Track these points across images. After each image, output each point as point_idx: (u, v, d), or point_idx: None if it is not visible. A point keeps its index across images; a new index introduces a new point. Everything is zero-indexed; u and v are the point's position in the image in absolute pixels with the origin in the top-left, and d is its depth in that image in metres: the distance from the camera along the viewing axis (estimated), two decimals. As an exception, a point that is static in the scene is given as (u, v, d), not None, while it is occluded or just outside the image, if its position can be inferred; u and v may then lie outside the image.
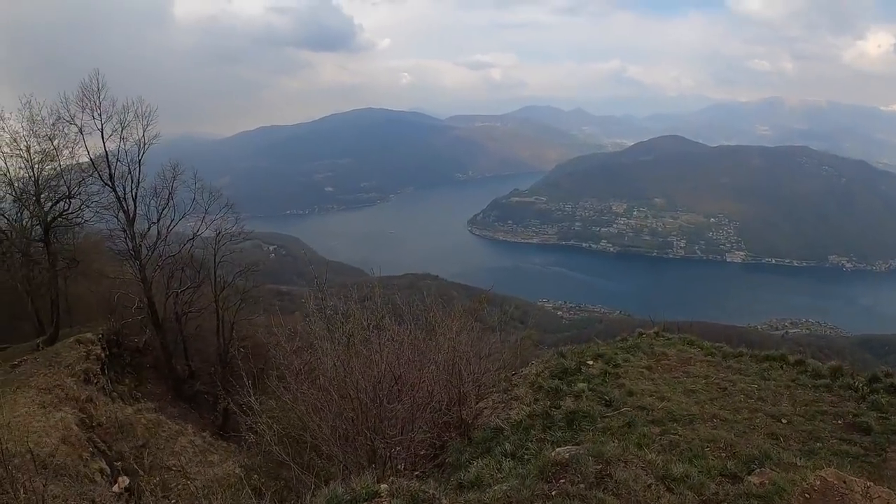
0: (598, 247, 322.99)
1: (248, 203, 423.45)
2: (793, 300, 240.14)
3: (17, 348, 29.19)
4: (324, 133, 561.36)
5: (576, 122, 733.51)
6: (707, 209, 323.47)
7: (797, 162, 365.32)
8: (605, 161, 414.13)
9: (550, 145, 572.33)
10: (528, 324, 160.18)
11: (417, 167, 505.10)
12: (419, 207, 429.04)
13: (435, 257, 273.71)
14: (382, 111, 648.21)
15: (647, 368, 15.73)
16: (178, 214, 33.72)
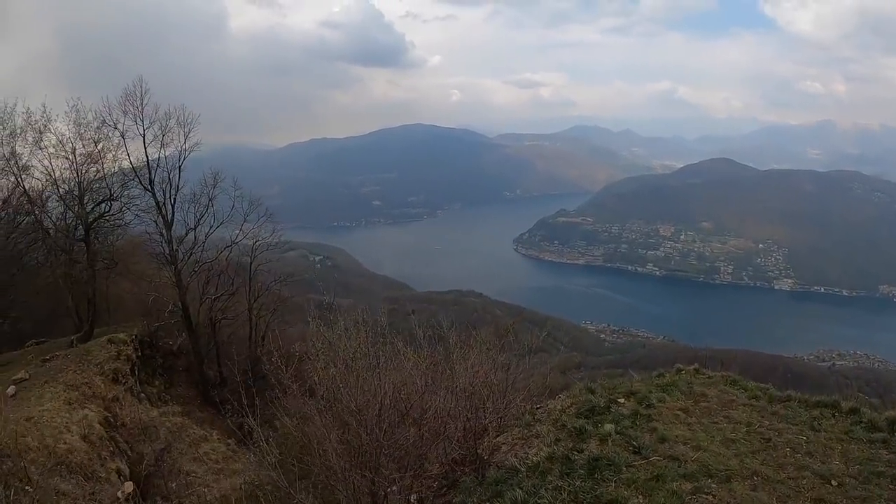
0: (643, 270, 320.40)
1: (296, 213, 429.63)
2: (841, 331, 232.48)
3: (53, 343, 30.05)
4: (373, 147, 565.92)
5: (624, 143, 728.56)
6: (756, 234, 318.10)
7: (848, 187, 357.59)
8: (653, 183, 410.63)
9: (598, 166, 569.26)
10: (565, 348, 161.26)
11: (465, 184, 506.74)
12: (466, 224, 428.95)
13: (480, 275, 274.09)
14: (432, 127, 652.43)
15: (683, 411, 14.17)
16: (217, 222, 34.14)
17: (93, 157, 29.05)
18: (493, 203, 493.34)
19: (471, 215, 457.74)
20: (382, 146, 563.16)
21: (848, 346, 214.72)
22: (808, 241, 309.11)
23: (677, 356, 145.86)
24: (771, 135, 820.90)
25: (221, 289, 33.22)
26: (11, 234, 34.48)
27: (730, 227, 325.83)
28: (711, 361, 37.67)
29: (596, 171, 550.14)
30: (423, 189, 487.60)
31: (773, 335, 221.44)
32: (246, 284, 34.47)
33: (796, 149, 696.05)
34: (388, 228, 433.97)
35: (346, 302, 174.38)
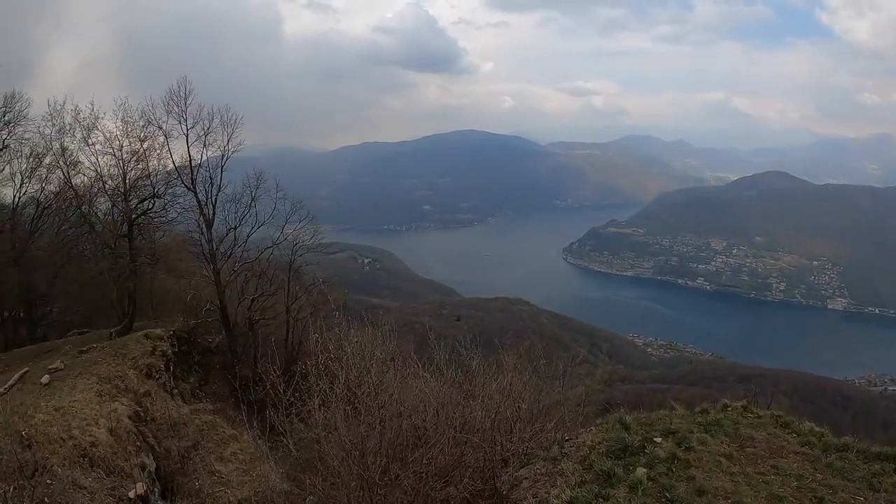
0: (693, 284, 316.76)
1: (346, 215, 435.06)
2: (895, 354, 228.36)
3: (94, 335, 30.41)
4: (425, 152, 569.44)
5: (677, 154, 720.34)
6: (810, 251, 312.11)
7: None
8: (705, 195, 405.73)
9: (650, 176, 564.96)
10: (611, 360, 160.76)
11: (516, 191, 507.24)
12: (516, 232, 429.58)
13: (528, 282, 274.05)
14: (484, 134, 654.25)
15: (726, 457, 12.35)
16: (258, 222, 34.20)
17: (138, 155, 29.53)
18: (543, 211, 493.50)
19: (521, 222, 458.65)
20: (434, 151, 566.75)
21: None
22: (864, 259, 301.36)
23: (725, 373, 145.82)
24: (827, 148, 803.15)
25: (261, 289, 33.41)
26: (62, 226, 35.91)
27: (783, 243, 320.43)
28: (761, 394, 35.83)
29: (648, 181, 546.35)
30: (474, 195, 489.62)
31: (823, 356, 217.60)
32: (286, 285, 34.76)
33: (853, 163, 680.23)
34: (438, 233, 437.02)
35: (394, 305, 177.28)
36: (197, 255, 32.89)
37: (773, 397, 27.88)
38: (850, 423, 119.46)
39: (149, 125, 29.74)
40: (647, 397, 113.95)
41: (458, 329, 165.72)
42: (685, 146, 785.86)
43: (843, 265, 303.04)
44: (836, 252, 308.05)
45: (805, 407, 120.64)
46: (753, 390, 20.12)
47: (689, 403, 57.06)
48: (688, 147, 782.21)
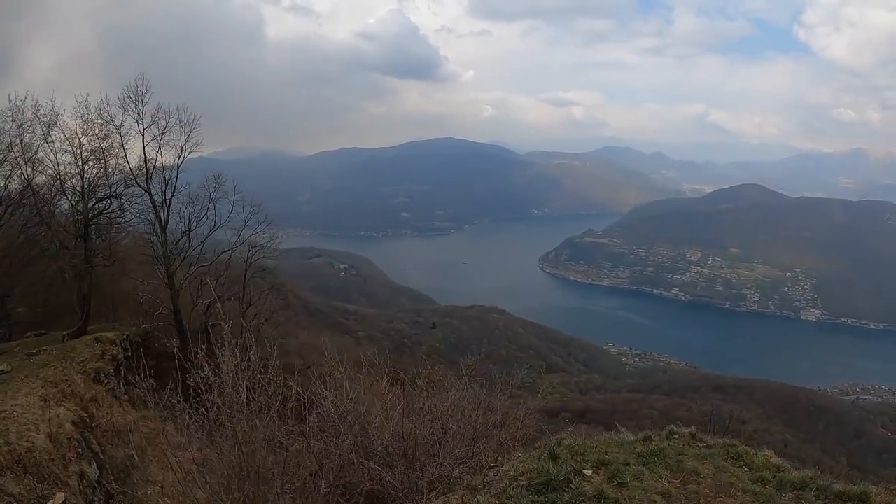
0: (669, 294, 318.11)
1: (324, 221, 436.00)
2: (867, 364, 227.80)
3: (50, 336, 29.45)
4: (403, 159, 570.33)
5: (655, 166, 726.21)
6: (784, 263, 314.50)
7: (881, 218, 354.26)
8: (682, 207, 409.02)
9: (628, 187, 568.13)
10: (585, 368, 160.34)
11: (494, 200, 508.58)
12: (493, 240, 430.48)
13: (504, 291, 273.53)
14: (463, 142, 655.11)
15: (662, 495, 10.33)
16: (216, 225, 33.28)
17: (96, 153, 28.86)
18: (520, 220, 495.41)
19: (498, 231, 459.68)
20: (413, 158, 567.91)
21: (873, 381, 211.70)
22: (837, 271, 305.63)
23: (699, 383, 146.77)
24: (803, 162, 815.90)
25: (218, 293, 31.01)
26: (25, 224, 34.56)
27: (758, 255, 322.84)
28: (717, 418, 34.11)
29: (625, 192, 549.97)
30: (451, 203, 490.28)
31: (797, 366, 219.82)
32: (240, 291, 34.08)
33: (829, 177, 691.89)
34: (415, 241, 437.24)
35: (370, 311, 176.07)
36: (152, 257, 31.80)
37: (730, 421, 26.12)
38: (821, 433, 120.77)
39: (105, 124, 29.02)
40: (622, 406, 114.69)
41: (433, 336, 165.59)
42: (663, 158, 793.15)
43: (817, 277, 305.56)
44: (810, 264, 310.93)
45: (778, 416, 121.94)
46: (710, 414, 17.69)
47: (663, 412, 57.05)
48: (666, 159, 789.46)
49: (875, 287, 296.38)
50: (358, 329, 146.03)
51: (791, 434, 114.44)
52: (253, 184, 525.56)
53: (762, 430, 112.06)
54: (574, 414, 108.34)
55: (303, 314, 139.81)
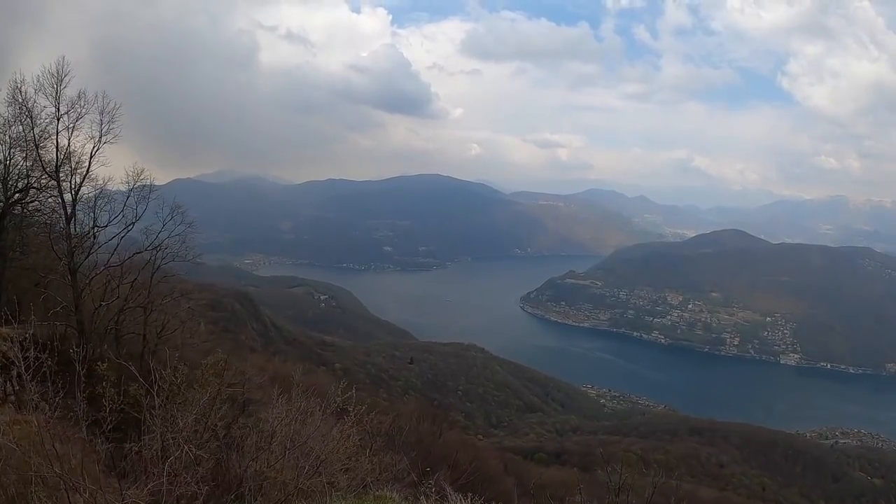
0: (649, 337, 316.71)
1: (307, 250, 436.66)
2: (846, 408, 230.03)
3: None
4: (389, 193, 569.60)
5: (638, 209, 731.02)
6: (764, 307, 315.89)
7: (859, 263, 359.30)
8: (664, 250, 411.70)
9: (611, 230, 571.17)
10: (562, 408, 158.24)
11: (477, 238, 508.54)
12: (475, 278, 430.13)
13: (484, 329, 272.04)
14: (449, 179, 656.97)
15: None
16: (131, 223, 29.86)
17: (20, 142, 27.65)
18: (502, 259, 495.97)
19: (480, 269, 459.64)
20: (398, 193, 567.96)
21: (852, 425, 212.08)
22: (817, 316, 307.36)
23: (677, 426, 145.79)
24: (784, 208, 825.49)
25: (131, 299, 29.07)
26: None
27: (738, 299, 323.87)
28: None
29: (608, 235, 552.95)
30: (434, 239, 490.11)
31: (775, 410, 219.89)
32: (145, 296, 31.16)
33: (809, 223, 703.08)
34: (397, 275, 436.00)
35: (347, 343, 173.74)
36: (57, 253, 28.36)
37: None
38: (799, 476, 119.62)
39: (22, 109, 26.98)
40: (598, 448, 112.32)
41: (410, 372, 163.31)
42: (647, 202, 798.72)
43: (797, 321, 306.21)
44: (789, 308, 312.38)
45: (756, 460, 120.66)
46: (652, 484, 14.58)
47: (640, 455, 54.76)
48: (649, 203, 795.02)
49: (853, 331, 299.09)
50: (335, 361, 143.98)
51: (769, 478, 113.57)
52: (237, 208, 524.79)
53: (740, 474, 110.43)
54: (549, 455, 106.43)
55: (280, 342, 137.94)
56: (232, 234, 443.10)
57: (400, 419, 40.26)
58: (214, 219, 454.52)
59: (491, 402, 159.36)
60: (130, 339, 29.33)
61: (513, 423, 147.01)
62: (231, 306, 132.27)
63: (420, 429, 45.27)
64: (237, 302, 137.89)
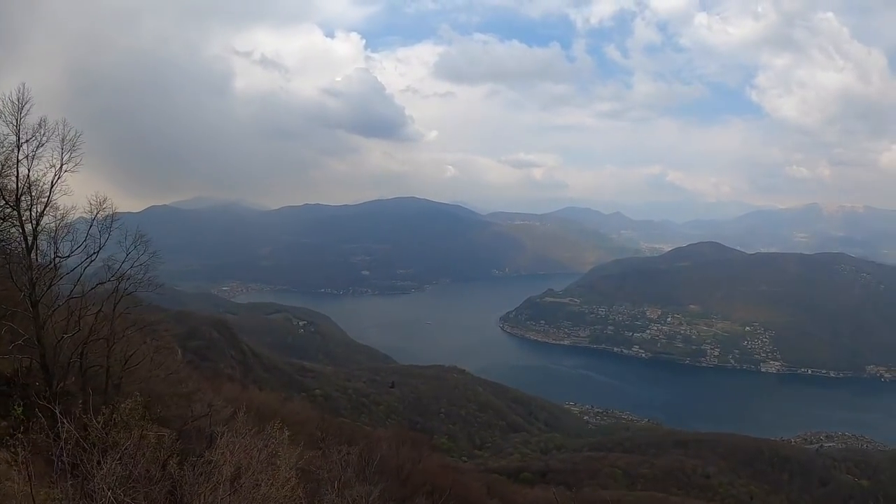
0: (629, 352, 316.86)
1: (285, 276, 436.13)
2: (829, 412, 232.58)
3: None
4: (366, 217, 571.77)
5: (615, 226, 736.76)
6: (742, 317, 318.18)
7: (835, 269, 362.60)
8: (641, 265, 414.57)
9: (588, 247, 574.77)
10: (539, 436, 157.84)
11: (455, 260, 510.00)
12: (453, 300, 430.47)
13: (464, 351, 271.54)
14: (425, 201, 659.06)
15: None
16: (94, 253, 28.59)
17: None
18: (481, 280, 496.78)
19: (458, 291, 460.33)
20: (375, 217, 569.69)
21: (835, 428, 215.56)
22: (795, 323, 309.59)
23: (661, 439, 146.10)
24: (758, 219, 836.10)
25: (95, 331, 28.05)
26: None
27: (717, 310, 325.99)
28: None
29: (585, 252, 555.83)
30: (412, 262, 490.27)
31: (759, 418, 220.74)
32: (108, 328, 30.29)
33: (783, 232, 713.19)
34: (376, 299, 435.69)
35: (328, 369, 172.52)
36: (15, 283, 27.49)
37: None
38: (787, 482, 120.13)
39: None
40: (583, 465, 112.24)
41: (392, 396, 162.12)
42: (622, 218, 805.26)
43: (775, 329, 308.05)
44: (768, 317, 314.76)
45: (743, 469, 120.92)
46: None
47: (625, 470, 54.56)
48: (625, 219, 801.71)
49: (832, 337, 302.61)
50: (315, 387, 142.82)
51: (756, 486, 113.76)
52: (214, 234, 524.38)
53: (727, 484, 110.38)
54: (535, 474, 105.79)
55: (259, 370, 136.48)
56: (209, 261, 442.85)
57: (375, 447, 39.66)
58: (191, 246, 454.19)
59: (474, 424, 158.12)
60: (95, 372, 28.31)
61: (497, 444, 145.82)
62: (209, 334, 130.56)
63: (399, 454, 44.73)
64: (215, 330, 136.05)
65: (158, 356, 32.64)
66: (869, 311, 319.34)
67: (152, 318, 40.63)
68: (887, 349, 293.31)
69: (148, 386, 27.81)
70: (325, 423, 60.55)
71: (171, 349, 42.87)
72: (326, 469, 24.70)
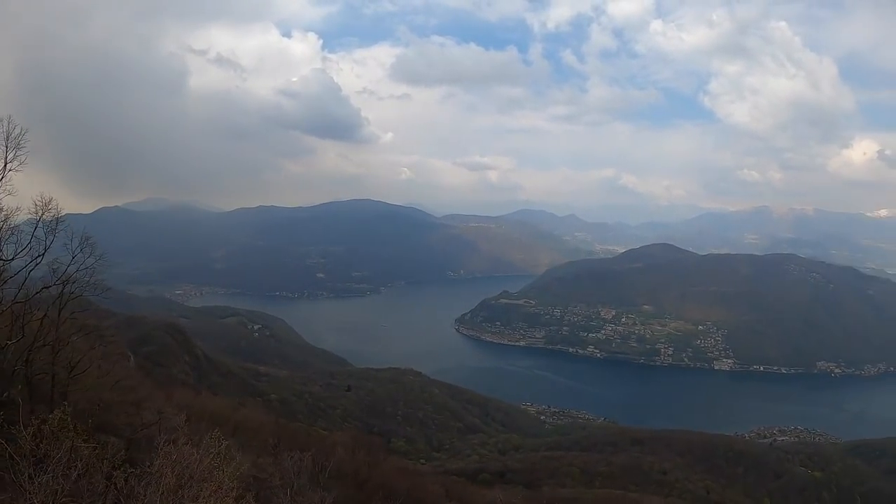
0: (584, 352, 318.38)
1: (239, 279, 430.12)
2: (781, 408, 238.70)
3: None
4: (321, 219, 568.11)
5: (569, 228, 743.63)
6: (695, 317, 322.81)
7: (785, 269, 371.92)
8: (595, 267, 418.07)
9: (542, 249, 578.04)
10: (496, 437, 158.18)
11: (410, 262, 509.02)
12: (409, 302, 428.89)
13: (420, 353, 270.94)
14: (380, 203, 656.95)
15: None
16: (36, 255, 28.00)
17: None
18: (436, 282, 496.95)
19: (414, 293, 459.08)
20: (330, 219, 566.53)
21: (788, 423, 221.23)
22: (747, 322, 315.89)
23: (617, 438, 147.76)
24: (710, 221, 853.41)
25: (32, 337, 26.69)
26: None
27: (670, 310, 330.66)
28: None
29: (539, 254, 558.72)
30: (367, 265, 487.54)
31: (714, 415, 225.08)
32: (54, 334, 29.33)
33: (735, 234, 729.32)
34: (331, 302, 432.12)
35: (283, 373, 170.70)
36: None
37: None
38: (742, 476, 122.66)
39: None
40: (542, 464, 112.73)
41: (348, 399, 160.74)
42: (577, 220, 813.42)
43: (728, 328, 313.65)
44: (720, 316, 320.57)
45: (699, 464, 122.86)
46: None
47: (583, 469, 54.59)
48: (579, 221, 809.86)
49: (782, 334, 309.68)
50: (270, 392, 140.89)
51: (712, 480, 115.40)
52: (167, 237, 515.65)
53: (683, 479, 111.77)
54: (493, 475, 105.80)
55: (213, 375, 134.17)
56: (162, 264, 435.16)
57: (330, 452, 39.02)
58: (144, 249, 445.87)
59: (431, 426, 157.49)
60: (41, 380, 27.21)
61: (455, 446, 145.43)
62: (162, 339, 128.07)
63: (356, 459, 44.24)
64: (168, 335, 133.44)
65: (107, 363, 31.63)
66: (818, 310, 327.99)
67: (102, 322, 39.58)
68: (837, 346, 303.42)
69: (96, 393, 27.02)
70: (279, 429, 59.69)
71: (122, 355, 41.92)
72: (279, 476, 24.18)
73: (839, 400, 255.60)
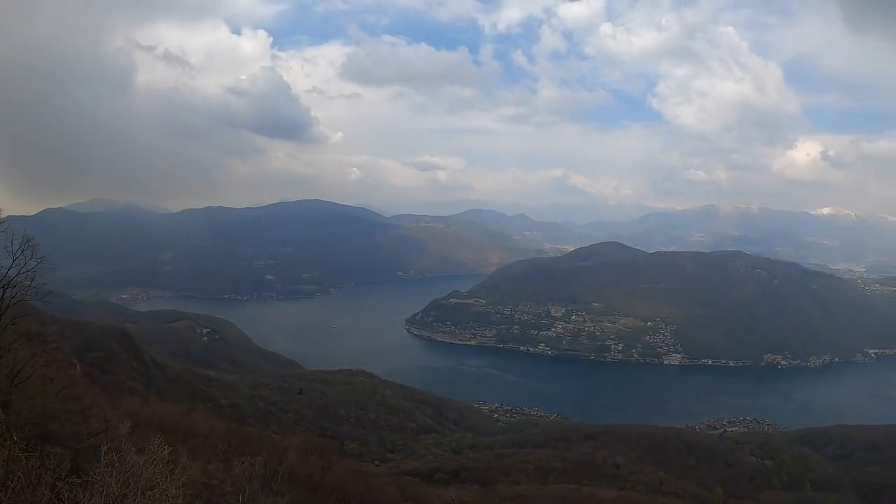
0: (535, 350, 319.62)
1: (187, 282, 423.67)
2: (730, 400, 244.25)
3: None
4: (269, 220, 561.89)
5: (518, 227, 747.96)
6: (644, 313, 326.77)
7: (731, 266, 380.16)
8: (544, 265, 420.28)
9: (492, 248, 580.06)
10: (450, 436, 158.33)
11: (360, 262, 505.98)
12: (359, 303, 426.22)
13: (371, 354, 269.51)
14: (329, 204, 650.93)
15: None
16: None
17: None
18: (386, 283, 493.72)
19: (364, 294, 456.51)
20: (279, 219, 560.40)
21: (737, 414, 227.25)
22: (694, 317, 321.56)
23: (570, 433, 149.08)
24: (658, 220, 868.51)
25: None
26: None
27: (619, 307, 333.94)
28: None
29: (489, 253, 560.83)
30: (317, 266, 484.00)
31: (665, 409, 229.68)
32: None
33: (682, 233, 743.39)
34: (281, 304, 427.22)
35: (233, 377, 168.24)
36: None
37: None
38: (694, 467, 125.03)
39: None
40: (496, 462, 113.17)
41: (300, 402, 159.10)
42: (526, 220, 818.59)
43: (676, 324, 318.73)
44: (668, 312, 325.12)
45: (651, 457, 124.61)
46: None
47: (537, 465, 54.57)
48: (529, 221, 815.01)
49: (729, 329, 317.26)
50: (220, 396, 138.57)
51: (665, 472, 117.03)
52: (113, 239, 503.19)
53: (637, 472, 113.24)
54: (448, 474, 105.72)
55: (161, 381, 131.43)
56: (107, 267, 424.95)
57: (283, 456, 38.38)
58: (89, 251, 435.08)
59: (384, 427, 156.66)
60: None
61: (409, 446, 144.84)
62: (108, 345, 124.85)
63: (308, 463, 43.66)
64: (114, 340, 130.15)
65: (51, 370, 30.57)
66: (764, 305, 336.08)
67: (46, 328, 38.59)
68: (782, 339, 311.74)
69: (40, 402, 26.06)
70: (230, 434, 58.65)
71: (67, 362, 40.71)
72: (230, 482, 23.62)
73: (786, 391, 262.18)
